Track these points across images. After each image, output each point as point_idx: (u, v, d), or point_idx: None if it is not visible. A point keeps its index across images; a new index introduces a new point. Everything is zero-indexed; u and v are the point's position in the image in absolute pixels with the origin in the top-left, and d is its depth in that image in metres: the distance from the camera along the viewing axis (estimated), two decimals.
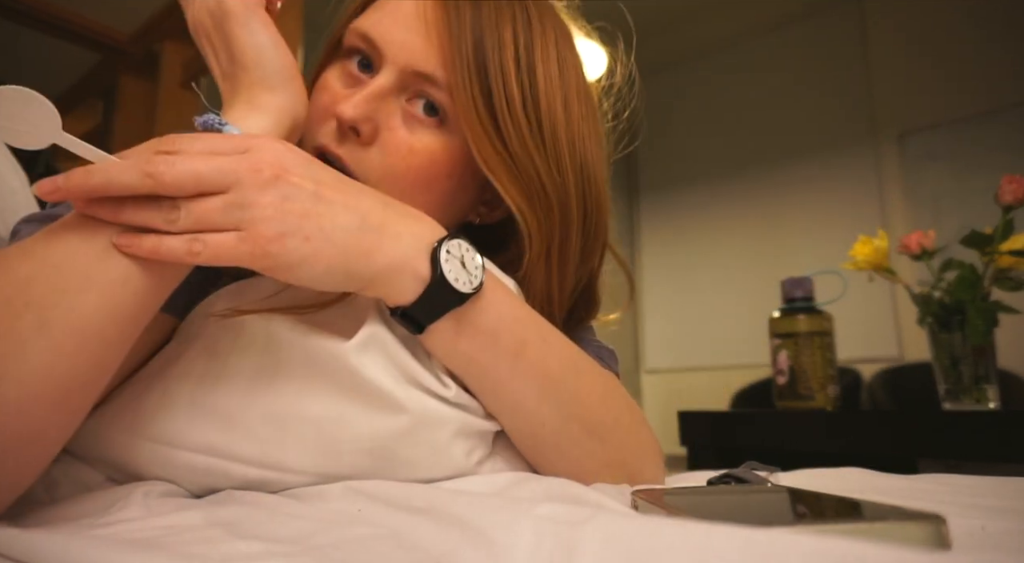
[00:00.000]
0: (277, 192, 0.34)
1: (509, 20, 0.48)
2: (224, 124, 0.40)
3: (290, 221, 0.34)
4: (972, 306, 1.05)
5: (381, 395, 0.42)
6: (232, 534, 0.30)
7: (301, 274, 0.35)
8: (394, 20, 0.47)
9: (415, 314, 0.40)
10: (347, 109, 0.45)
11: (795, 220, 3.10)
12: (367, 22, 0.48)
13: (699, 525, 0.22)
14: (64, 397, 0.33)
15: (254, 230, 0.33)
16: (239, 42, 0.43)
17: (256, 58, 0.43)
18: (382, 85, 0.46)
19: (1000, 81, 2.61)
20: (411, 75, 0.46)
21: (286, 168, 0.35)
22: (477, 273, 0.42)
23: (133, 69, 2.37)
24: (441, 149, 0.48)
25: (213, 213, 0.33)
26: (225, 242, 0.33)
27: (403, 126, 0.47)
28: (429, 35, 0.46)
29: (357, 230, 0.37)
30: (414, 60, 0.46)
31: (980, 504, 0.39)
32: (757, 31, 3.31)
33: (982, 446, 0.95)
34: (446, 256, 0.40)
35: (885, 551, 0.19)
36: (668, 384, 3.43)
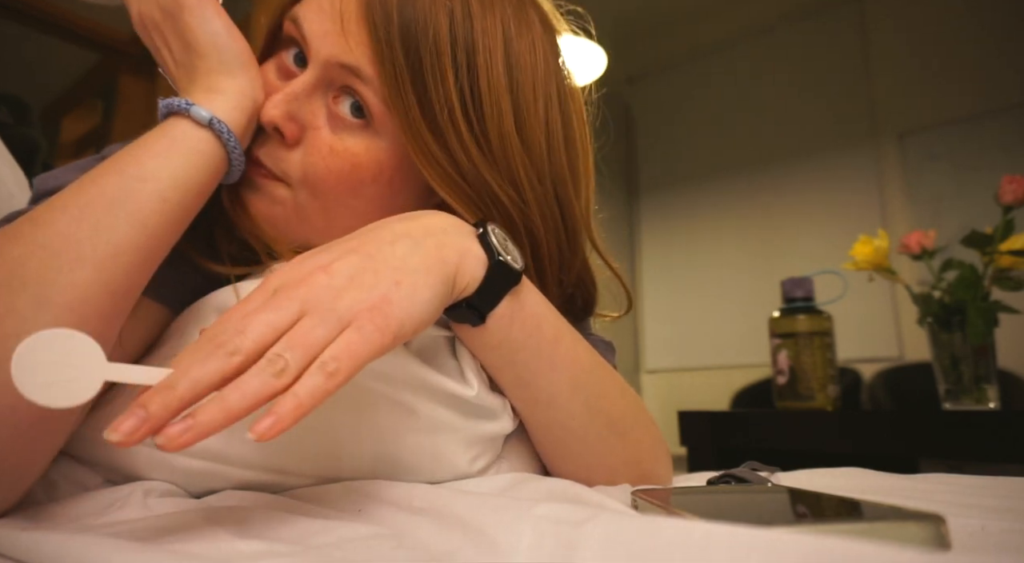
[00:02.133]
0: (340, 278, 0.32)
1: (445, 9, 0.42)
2: (190, 105, 0.40)
3: (374, 284, 0.32)
4: (972, 306, 1.05)
5: (385, 400, 0.42)
6: (232, 534, 0.30)
7: (420, 313, 0.33)
8: (319, 6, 0.44)
9: (479, 301, 0.40)
10: (268, 109, 0.43)
11: (795, 220, 3.09)
12: (301, 8, 0.45)
13: (699, 525, 0.22)
14: None
15: (359, 314, 0.31)
16: (194, 31, 0.42)
17: (212, 44, 0.42)
18: (306, 82, 0.44)
19: (1000, 81, 2.61)
20: (335, 68, 0.43)
21: (318, 264, 0.33)
22: (516, 252, 0.42)
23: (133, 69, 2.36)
24: (364, 152, 0.44)
25: (313, 333, 0.29)
26: (350, 342, 0.29)
27: (326, 126, 0.44)
28: (352, 24, 0.42)
29: (418, 247, 0.36)
30: (336, 52, 0.42)
31: (980, 504, 0.39)
32: (757, 31, 3.30)
33: (982, 446, 0.95)
34: (493, 238, 0.40)
35: (885, 551, 0.19)
36: (668, 384, 3.43)
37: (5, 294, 0.32)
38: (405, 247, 0.35)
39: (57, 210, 0.35)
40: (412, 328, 0.33)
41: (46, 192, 0.44)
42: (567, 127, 0.50)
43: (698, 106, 3.47)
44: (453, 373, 0.45)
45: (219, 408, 0.26)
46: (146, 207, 0.37)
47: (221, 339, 0.28)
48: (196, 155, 0.40)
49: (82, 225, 0.34)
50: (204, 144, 0.40)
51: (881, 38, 2.96)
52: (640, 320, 3.57)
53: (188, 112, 0.40)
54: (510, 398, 0.47)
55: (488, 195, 0.45)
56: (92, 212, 0.35)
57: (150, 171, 0.37)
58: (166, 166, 0.38)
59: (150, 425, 0.25)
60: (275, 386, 0.27)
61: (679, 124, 3.51)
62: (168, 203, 0.38)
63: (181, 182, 0.38)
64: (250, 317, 0.29)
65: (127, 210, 0.36)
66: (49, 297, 0.33)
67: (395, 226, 0.37)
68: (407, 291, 0.33)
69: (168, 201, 0.38)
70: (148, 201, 0.37)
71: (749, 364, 2.82)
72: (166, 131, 0.40)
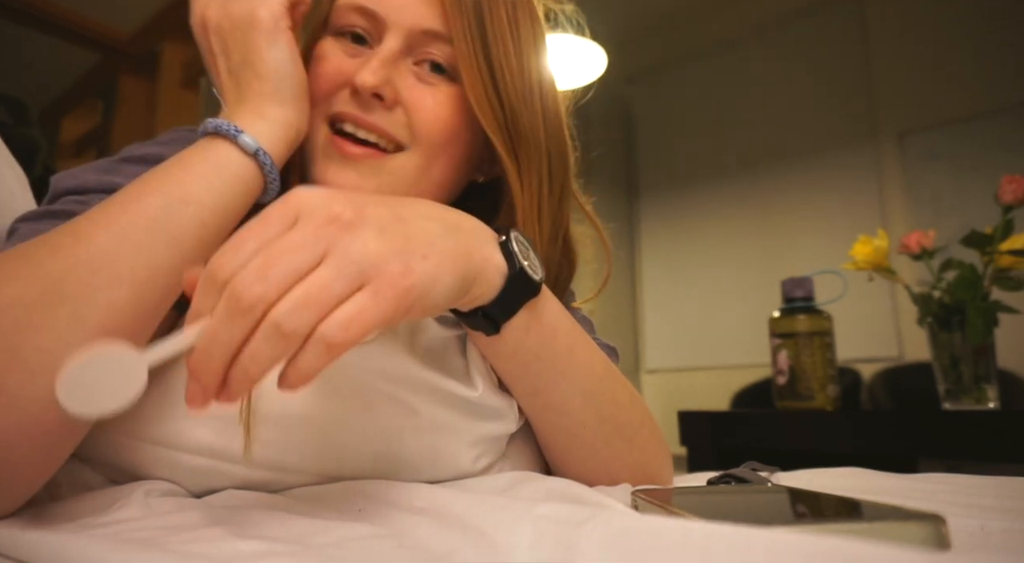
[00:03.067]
0: (370, 228, 0.30)
1: None
2: (239, 132, 0.41)
3: (403, 248, 0.30)
4: (972, 306, 1.05)
5: (387, 399, 0.42)
6: (232, 534, 0.30)
7: (435, 295, 0.32)
8: None
9: (495, 311, 0.39)
10: (367, 77, 0.44)
11: (795, 220, 3.09)
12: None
13: (699, 525, 0.22)
14: None
15: (381, 275, 0.29)
16: (261, 53, 0.44)
17: (275, 71, 0.43)
18: (392, 49, 0.46)
19: (1000, 81, 2.61)
20: (418, 35, 0.47)
21: (352, 202, 0.30)
22: (538, 262, 0.41)
23: (133, 69, 2.36)
24: (458, 97, 0.48)
25: (330, 289, 0.28)
26: (362, 308, 0.28)
27: (419, 84, 0.47)
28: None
29: (448, 234, 0.34)
30: (418, 20, 0.46)
31: (980, 504, 0.39)
32: (757, 31, 3.30)
33: (982, 446, 0.95)
34: (517, 247, 0.39)
35: (885, 551, 0.19)
36: (668, 384, 3.43)
37: (43, 308, 0.32)
38: (437, 228, 0.34)
39: (100, 226, 0.35)
40: (425, 308, 0.32)
41: (64, 191, 0.44)
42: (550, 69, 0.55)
43: (698, 106, 3.47)
44: (459, 373, 0.45)
45: (243, 377, 0.27)
46: (186, 231, 0.37)
47: (242, 286, 0.27)
48: (238, 182, 0.40)
49: (123, 245, 0.35)
50: (246, 171, 0.41)
51: (881, 38, 2.96)
52: (640, 320, 3.57)
53: (236, 139, 0.41)
54: (522, 404, 0.47)
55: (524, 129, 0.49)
56: (134, 232, 0.35)
57: (193, 195, 0.38)
58: (208, 191, 0.39)
59: (211, 391, 0.28)
60: (284, 350, 0.28)
61: (679, 124, 3.51)
62: (206, 228, 0.38)
63: (220, 207, 0.39)
64: (273, 258, 0.28)
65: (167, 232, 0.36)
66: (85, 315, 0.33)
67: (427, 207, 0.36)
68: (431, 268, 0.31)
69: (206, 226, 0.38)
70: (188, 225, 0.37)
71: (749, 364, 2.82)
72: (210, 153, 0.40)
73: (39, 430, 0.32)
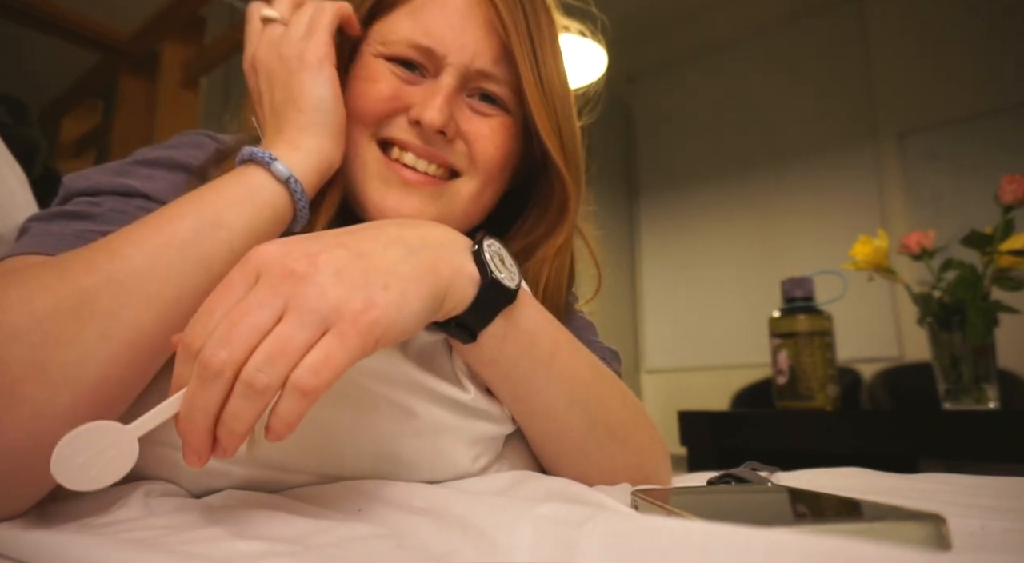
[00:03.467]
0: (325, 274, 0.31)
1: (542, 9, 0.53)
2: (273, 160, 0.42)
3: (361, 285, 0.31)
4: (972, 306, 1.05)
5: (385, 401, 0.42)
6: (232, 533, 0.30)
7: (403, 322, 0.32)
8: (448, 23, 0.49)
9: (470, 320, 0.39)
10: (435, 115, 0.47)
11: (795, 220, 3.09)
12: (416, 32, 0.49)
13: (699, 525, 0.22)
14: (110, 404, 0.35)
15: (342, 317, 0.30)
16: (304, 88, 0.45)
17: (316, 106, 0.45)
18: (451, 85, 0.49)
19: (1000, 81, 2.61)
20: (473, 74, 0.49)
21: (305, 252, 0.31)
22: (514, 269, 0.42)
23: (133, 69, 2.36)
24: (511, 126, 0.52)
25: (294, 340, 0.29)
26: (330, 352, 0.29)
27: (476, 116, 0.51)
28: (489, 31, 0.50)
29: (412, 256, 0.35)
30: (475, 60, 0.49)
31: (980, 504, 0.39)
32: (757, 31, 3.30)
33: (982, 446, 0.95)
34: (489, 255, 0.39)
35: (885, 551, 0.19)
36: (668, 384, 3.43)
37: (73, 322, 0.33)
38: (398, 253, 0.34)
39: (134, 245, 0.36)
40: (394, 337, 0.32)
41: (77, 192, 0.45)
42: None
43: (698, 106, 3.47)
44: (450, 376, 0.45)
45: (230, 435, 0.29)
46: (216, 255, 0.38)
47: (209, 353, 0.28)
48: (268, 208, 0.41)
49: (155, 265, 0.36)
50: (277, 198, 0.42)
51: (881, 38, 2.96)
52: (640, 320, 3.57)
53: (270, 166, 0.42)
54: (509, 409, 0.47)
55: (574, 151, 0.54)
56: (166, 253, 0.36)
57: (225, 219, 0.39)
58: (240, 216, 0.40)
59: (205, 451, 0.30)
60: (262, 403, 0.29)
61: (679, 124, 3.51)
62: (235, 254, 0.38)
63: (250, 233, 0.40)
64: (234, 321, 0.29)
65: (197, 255, 0.37)
66: (113, 333, 0.34)
67: (391, 230, 0.36)
68: (394, 297, 0.32)
69: (235, 251, 0.39)
70: (219, 250, 0.38)
71: (749, 364, 2.83)
72: (244, 179, 0.41)
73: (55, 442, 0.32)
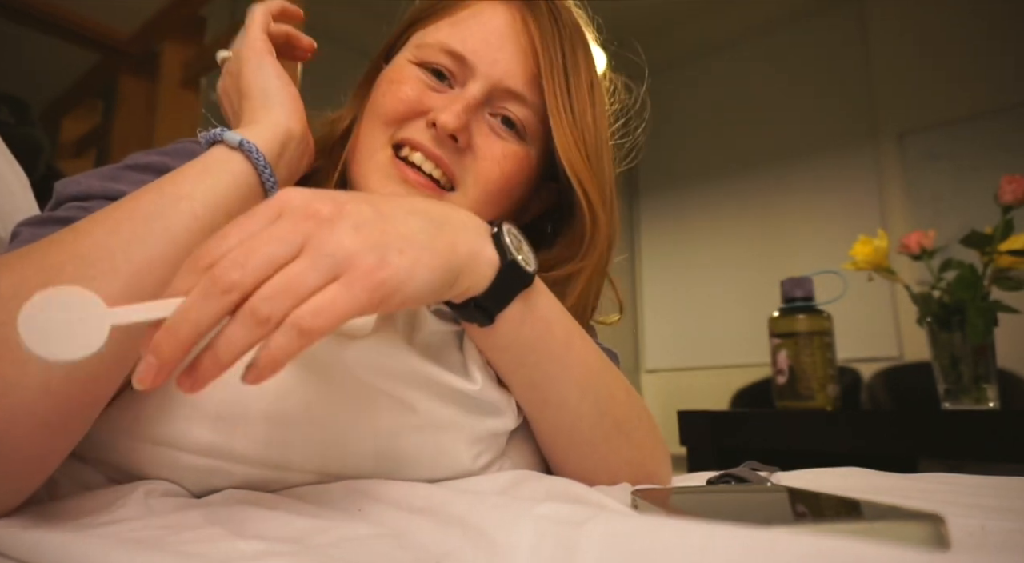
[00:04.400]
0: (346, 224, 0.31)
1: (581, 46, 0.53)
2: (223, 132, 0.43)
3: (377, 243, 0.31)
4: (972, 306, 1.05)
5: (385, 397, 0.42)
6: (232, 533, 0.30)
7: (412, 289, 0.32)
8: (485, 38, 0.50)
9: (488, 302, 0.40)
10: (450, 119, 0.48)
11: (795, 220, 3.09)
12: (454, 38, 0.51)
13: (699, 525, 0.22)
14: (87, 379, 0.34)
15: (354, 268, 0.30)
16: (247, 78, 0.48)
17: (261, 90, 0.47)
18: (476, 96, 0.49)
19: (1000, 81, 2.61)
20: (501, 91, 0.50)
21: (333, 199, 0.32)
22: (531, 255, 0.42)
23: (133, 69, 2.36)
24: (525, 156, 0.52)
25: (304, 279, 0.29)
26: (335, 298, 0.29)
27: (492, 134, 0.51)
28: (523, 55, 0.50)
29: (432, 228, 0.35)
30: (505, 79, 0.50)
31: (980, 504, 0.39)
32: (757, 31, 3.30)
33: (982, 446, 0.95)
34: (509, 239, 0.40)
35: (885, 551, 0.19)
36: (668, 384, 3.43)
37: None
38: (419, 223, 0.35)
39: (97, 222, 0.37)
40: (401, 301, 0.32)
41: (68, 197, 0.45)
42: None
43: (698, 106, 3.47)
44: (457, 368, 0.45)
45: (212, 361, 0.28)
46: (178, 223, 0.38)
47: (221, 271, 0.28)
48: (227, 175, 0.42)
49: (117, 237, 0.36)
50: (235, 165, 0.42)
51: (881, 38, 2.96)
52: (640, 320, 3.57)
53: (222, 138, 0.43)
54: (519, 400, 0.48)
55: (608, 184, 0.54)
56: (129, 225, 0.36)
57: (184, 190, 0.39)
58: (199, 186, 0.40)
59: (166, 370, 0.27)
60: (258, 335, 0.28)
61: (679, 124, 3.51)
62: (199, 220, 0.39)
63: (211, 201, 0.40)
64: (252, 248, 0.29)
65: (161, 225, 0.37)
66: None
67: (417, 202, 0.37)
68: (408, 262, 0.32)
69: (199, 218, 0.39)
70: (180, 218, 0.38)
71: (749, 364, 2.83)
72: (203, 157, 0.43)
73: (33, 420, 0.32)
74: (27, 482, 0.35)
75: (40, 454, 0.34)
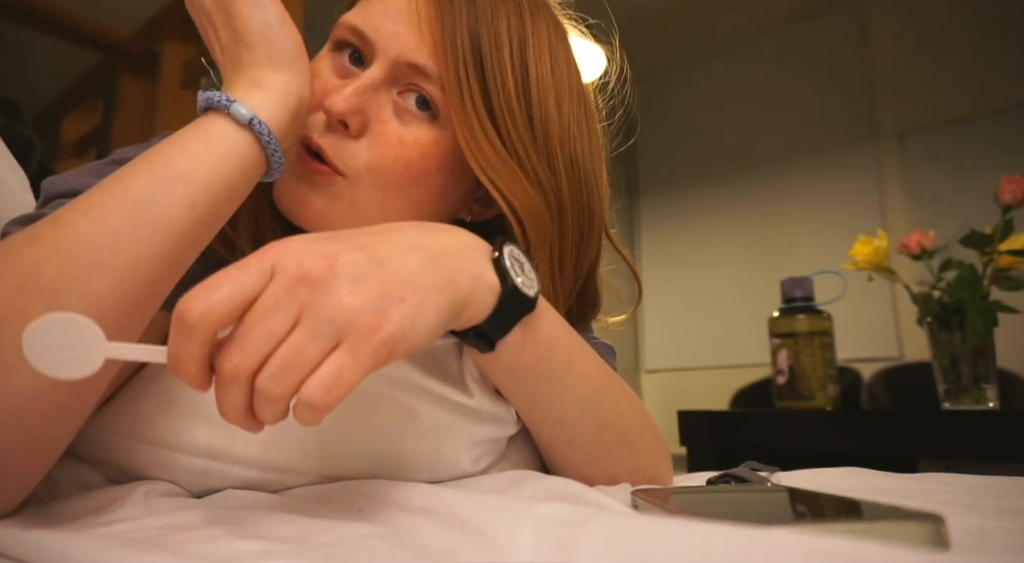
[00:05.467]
0: (342, 282, 0.29)
1: (504, 15, 0.46)
2: (231, 101, 0.38)
3: (377, 296, 0.30)
4: (972, 306, 1.05)
5: (388, 402, 0.42)
6: (232, 533, 0.30)
7: (417, 336, 0.31)
8: (385, 12, 0.46)
9: (489, 330, 0.38)
10: (337, 102, 0.43)
11: (795, 220, 3.09)
12: (357, 16, 0.46)
13: (699, 525, 0.22)
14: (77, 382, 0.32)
15: (355, 331, 0.29)
16: (244, 18, 0.40)
17: (262, 35, 0.40)
18: (373, 77, 0.44)
19: (1000, 81, 2.61)
20: (403, 67, 0.45)
21: (324, 254, 0.30)
22: (532, 275, 0.40)
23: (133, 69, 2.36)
24: (432, 142, 0.46)
25: (306, 352, 0.28)
26: (342, 369, 0.28)
27: (394, 118, 0.45)
28: (422, 27, 0.45)
29: (432, 263, 0.33)
30: (406, 52, 0.45)
31: (980, 504, 0.39)
32: (757, 31, 3.30)
33: (982, 446, 0.95)
34: (510, 262, 0.37)
35: (884, 551, 0.19)
36: (668, 384, 3.43)
37: (19, 298, 0.31)
38: (418, 260, 0.33)
39: (80, 211, 0.33)
40: (407, 350, 0.31)
41: (57, 194, 0.43)
42: (589, 118, 0.53)
43: (698, 106, 3.47)
44: (456, 379, 0.45)
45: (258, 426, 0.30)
46: (173, 212, 0.35)
47: (223, 359, 0.28)
48: (232, 158, 0.37)
49: (103, 230, 0.33)
50: (242, 147, 0.38)
51: (881, 38, 2.96)
52: (640, 320, 3.57)
53: (228, 109, 0.38)
54: (519, 414, 0.47)
55: (533, 177, 0.47)
56: (115, 216, 0.33)
57: (181, 172, 0.35)
58: (199, 168, 0.36)
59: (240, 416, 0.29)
60: (277, 411, 0.29)
61: (679, 124, 3.51)
62: (196, 209, 0.35)
63: (212, 186, 0.36)
64: (249, 325, 0.28)
65: (153, 214, 0.34)
66: (63, 305, 0.31)
67: (411, 234, 0.35)
68: (411, 310, 0.31)
69: (196, 207, 0.35)
70: (175, 206, 0.35)
71: (749, 364, 2.82)
72: (203, 128, 0.38)
73: (22, 427, 0.31)
74: (18, 488, 0.34)
75: (30, 460, 0.33)
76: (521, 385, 0.43)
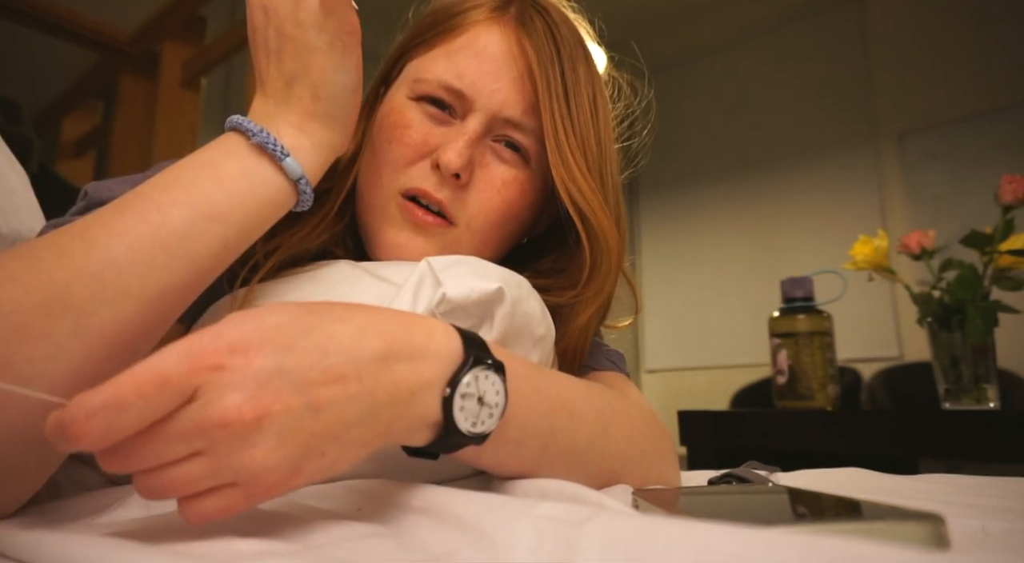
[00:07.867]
0: (266, 436, 0.26)
1: (582, 58, 0.52)
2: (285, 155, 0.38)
3: (297, 454, 0.27)
4: (972, 306, 1.05)
5: None
6: (232, 534, 0.30)
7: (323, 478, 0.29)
8: (481, 69, 0.49)
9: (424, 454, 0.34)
10: (455, 159, 0.47)
11: (795, 220, 3.09)
12: (449, 72, 0.50)
13: (699, 525, 0.22)
14: None
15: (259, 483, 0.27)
16: (325, 74, 0.40)
17: (333, 96, 0.41)
18: (476, 131, 0.49)
19: (1000, 81, 2.61)
20: (500, 121, 0.50)
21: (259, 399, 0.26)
22: (498, 401, 0.34)
23: (133, 69, 2.36)
24: (527, 181, 0.52)
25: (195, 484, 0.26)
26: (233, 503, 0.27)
27: (494, 163, 0.51)
28: (520, 82, 0.50)
29: (371, 418, 0.29)
30: (504, 109, 0.50)
31: (980, 504, 0.39)
32: (757, 31, 3.30)
33: (982, 446, 0.95)
34: (460, 403, 0.32)
35: (885, 551, 0.19)
36: (668, 384, 3.43)
37: (44, 316, 0.31)
38: (359, 411, 0.29)
39: (114, 236, 0.33)
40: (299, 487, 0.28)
41: (99, 203, 0.42)
42: None
43: (698, 106, 3.47)
44: None
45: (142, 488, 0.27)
46: (206, 250, 0.35)
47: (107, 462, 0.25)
48: (271, 206, 0.39)
49: (136, 258, 0.33)
50: (282, 196, 0.39)
51: (881, 38, 2.96)
52: (640, 320, 3.57)
53: (282, 163, 0.39)
54: None
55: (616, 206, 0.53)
56: (151, 247, 0.33)
57: (221, 212, 0.36)
58: (238, 210, 0.37)
59: None
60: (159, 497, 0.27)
61: (679, 123, 3.51)
62: (228, 248, 0.37)
63: (248, 229, 0.38)
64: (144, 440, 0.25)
65: (186, 250, 0.34)
66: (88, 328, 0.32)
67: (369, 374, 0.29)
68: (327, 464, 0.28)
69: (229, 246, 0.37)
70: (209, 245, 0.35)
71: (749, 364, 2.82)
72: (247, 169, 0.38)
73: (31, 440, 0.31)
74: (22, 493, 0.35)
75: (35, 468, 0.34)
76: (498, 470, 0.40)
